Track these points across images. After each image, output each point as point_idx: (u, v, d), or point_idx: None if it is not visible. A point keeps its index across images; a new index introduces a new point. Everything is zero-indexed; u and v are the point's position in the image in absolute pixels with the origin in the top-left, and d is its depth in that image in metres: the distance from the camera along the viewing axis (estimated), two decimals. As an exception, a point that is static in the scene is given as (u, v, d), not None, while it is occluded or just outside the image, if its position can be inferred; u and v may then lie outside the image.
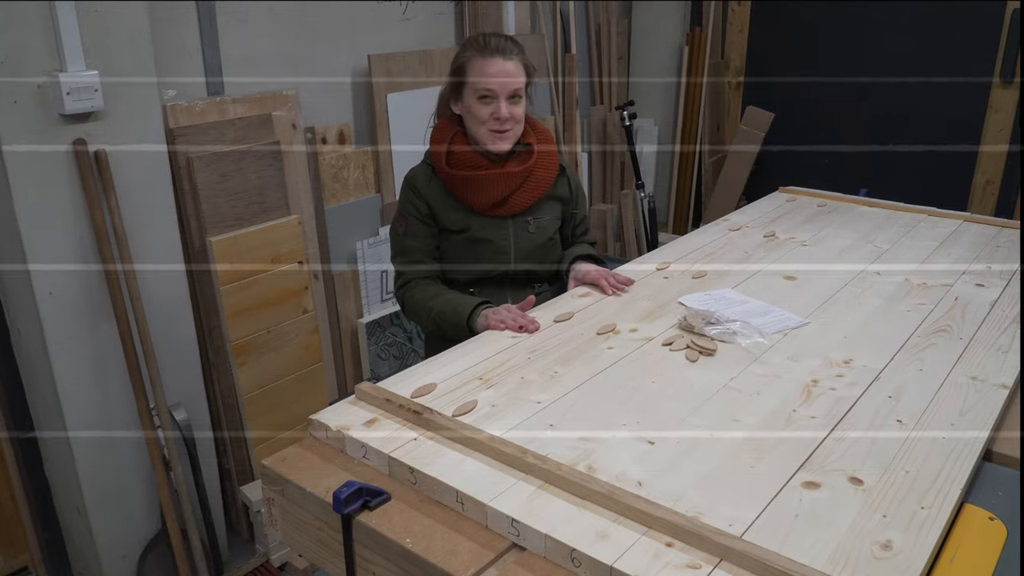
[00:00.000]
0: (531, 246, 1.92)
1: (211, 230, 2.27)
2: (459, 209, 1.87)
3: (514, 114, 1.81)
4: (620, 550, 1.00)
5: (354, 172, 2.79)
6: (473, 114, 1.81)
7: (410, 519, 1.11)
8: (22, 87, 1.81)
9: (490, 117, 1.79)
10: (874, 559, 0.97)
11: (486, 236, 1.88)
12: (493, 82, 1.77)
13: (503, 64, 1.78)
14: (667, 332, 1.64)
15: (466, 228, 1.87)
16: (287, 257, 2.44)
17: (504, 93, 1.78)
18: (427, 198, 1.87)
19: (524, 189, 1.89)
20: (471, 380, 1.44)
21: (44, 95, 1.85)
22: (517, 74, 1.80)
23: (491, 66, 1.77)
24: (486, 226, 1.88)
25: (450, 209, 1.87)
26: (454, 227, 1.88)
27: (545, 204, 1.95)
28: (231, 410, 2.42)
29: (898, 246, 2.16)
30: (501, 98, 1.78)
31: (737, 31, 4.17)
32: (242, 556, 2.44)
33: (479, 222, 1.87)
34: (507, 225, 1.90)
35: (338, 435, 1.28)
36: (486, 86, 1.78)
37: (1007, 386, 1.40)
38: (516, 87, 1.79)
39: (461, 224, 1.87)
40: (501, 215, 1.88)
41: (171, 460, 2.13)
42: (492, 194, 1.85)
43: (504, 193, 1.86)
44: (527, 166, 1.87)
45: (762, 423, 1.29)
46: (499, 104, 1.78)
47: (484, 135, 1.82)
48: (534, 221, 1.93)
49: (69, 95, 1.85)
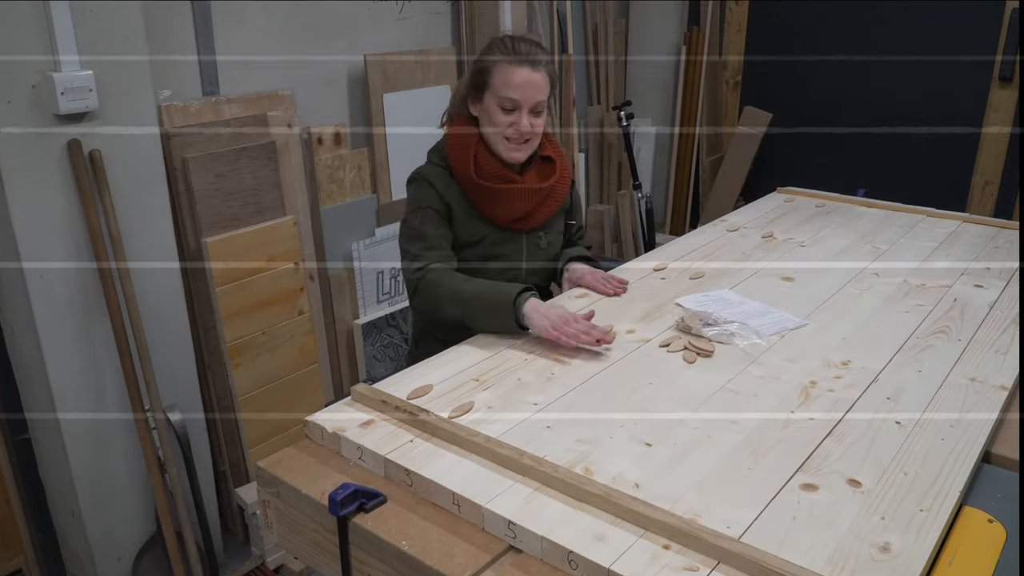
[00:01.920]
0: (540, 261, 1.90)
1: (206, 231, 2.26)
2: (477, 219, 1.81)
3: (535, 127, 1.74)
4: (617, 552, 0.99)
5: (350, 172, 2.78)
6: (492, 120, 1.74)
7: (406, 521, 1.11)
8: (16, 87, 1.80)
9: (509, 127, 1.73)
10: (872, 561, 0.97)
11: (500, 251, 1.83)
12: (518, 93, 1.70)
13: (531, 75, 1.70)
14: (664, 333, 1.63)
15: (481, 240, 1.82)
16: (283, 258, 2.43)
17: (528, 105, 1.71)
18: (447, 201, 1.80)
19: (544, 205, 1.85)
20: (467, 381, 1.43)
21: (38, 95, 1.84)
22: (543, 86, 1.72)
23: (518, 75, 1.69)
24: (502, 240, 1.83)
25: (468, 218, 1.80)
26: (471, 238, 1.81)
27: (555, 220, 1.93)
28: (226, 412, 2.42)
29: (897, 247, 2.16)
30: (524, 110, 1.71)
31: (735, 31, 4.17)
32: (237, 558, 2.44)
33: (495, 235, 1.82)
34: (521, 240, 1.86)
35: (334, 437, 1.27)
36: (510, 96, 1.70)
37: (1006, 387, 1.39)
38: (540, 100, 1.72)
39: (477, 235, 1.81)
40: (518, 229, 1.85)
41: (166, 462, 2.12)
42: (516, 208, 1.80)
43: (527, 208, 1.81)
44: (551, 183, 1.83)
45: (760, 425, 1.28)
46: (521, 116, 1.71)
47: (499, 143, 1.76)
48: (545, 236, 1.90)
49: (64, 95, 1.84)
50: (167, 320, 2.17)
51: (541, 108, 1.74)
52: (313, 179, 2.66)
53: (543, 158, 1.86)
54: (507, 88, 1.70)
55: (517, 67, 1.69)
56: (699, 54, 4.04)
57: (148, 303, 2.10)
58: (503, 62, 1.71)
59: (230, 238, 2.29)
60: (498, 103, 1.72)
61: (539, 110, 1.74)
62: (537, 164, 1.85)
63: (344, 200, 2.78)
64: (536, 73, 1.71)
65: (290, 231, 2.45)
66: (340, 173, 2.75)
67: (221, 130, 2.30)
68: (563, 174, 1.88)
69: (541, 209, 1.85)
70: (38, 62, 1.83)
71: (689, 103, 4.14)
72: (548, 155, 1.86)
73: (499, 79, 1.71)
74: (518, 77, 1.69)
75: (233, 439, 2.44)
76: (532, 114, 1.73)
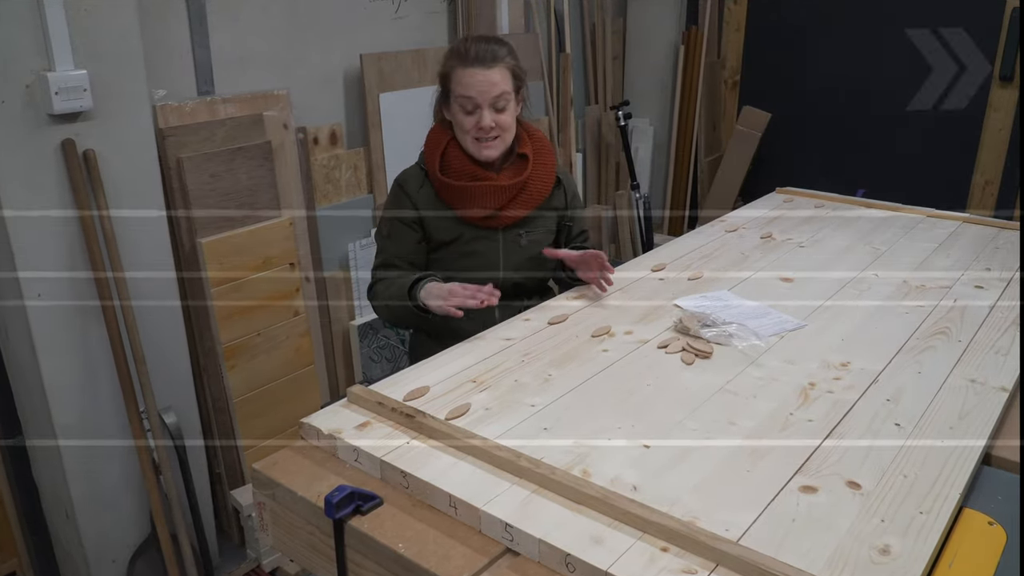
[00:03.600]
0: (521, 259, 1.90)
1: (201, 231, 2.25)
2: (450, 218, 1.85)
3: (500, 122, 1.78)
4: (615, 555, 0.99)
5: (346, 173, 2.77)
6: (458, 123, 1.81)
7: (402, 524, 1.10)
8: (10, 86, 1.79)
9: (474, 127, 1.78)
10: (872, 564, 0.97)
11: (476, 248, 1.86)
12: (474, 92, 1.76)
13: (485, 74, 1.75)
14: (663, 335, 1.63)
15: (457, 238, 1.85)
16: (278, 259, 2.42)
17: (486, 102, 1.76)
18: (416, 203, 1.85)
19: (517, 203, 1.86)
20: (464, 383, 1.43)
21: (32, 95, 1.83)
22: (501, 82, 1.77)
23: (471, 76, 1.75)
24: (477, 237, 1.86)
25: (441, 217, 1.85)
26: (445, 237, 1.85)
27: (539, 218, 1.92)
28: (222, 414, 2.41)
29: (896, 247, 2.16)
30: (484, 108, 1.76)
31: (734, 30, 4.16)
32: (232, 561, 2.43)
33: (470, 233, 1.85)
34: (497, 237, 1.88)
35: (330, 439, 1.27)
36: (467, 95, 1.76)
37: (1007, 389, 1.39)
38: (498, 94, 1.76)
39: (452, 234, 1.85)
40: (492, 227, 1.86)
41: (161, 464, 2.11)
42: (483, 205, 1.82)
43: (496, 205, 1.83)
44: (521, 179, 1.85)
45: (759, 427, 1.28)
46: (482, 113, 1.76)
47: (469, 144, 1.81)
48: (526, 235, 1.90)
49: (58, 95, 1.83)
50: (162, 321, 2.16)
51: (503, 103, 1.79)
52: (309, 179, 2.65)
53: (520, 155, 1.88)
54: (463, 89, 1.77)
55: (470, 68, 1.76)
56: (697, 53, 4.03)
57: (143, 304, 2.08)
58: (457, 67, 1.78)
59: (225, 239, 2.28)
60: (460, 105, 1.79)
61: (500, 105, 1.78)
62: (514, 161, 1.88)
63: (340, 200, 2.77)
64: (491, 71, 1.76)
65: (286, 232, 2.44)
66: (336, 173, 2.74)
67: (216, 130, 2.29)
68: (541, 170, 1.89)
69: (514, 206, 1.86)
70: (32, 61, 1.82)
71: (687, 103, 4.13)
72: (524, 152, 1.88)
73: (456, 83, 1.78)
74: (470, 78, 1.76)
75: (228, 441, 2.43)
76: (494, 110, 1.78)
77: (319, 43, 2.67)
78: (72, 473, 2.03)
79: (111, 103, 1.96)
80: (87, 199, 1.93)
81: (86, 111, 1.91)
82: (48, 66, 1.83)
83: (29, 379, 2.00)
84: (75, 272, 1.96)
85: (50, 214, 1.90)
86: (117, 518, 2.15)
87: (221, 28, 2.37)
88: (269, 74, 2.53)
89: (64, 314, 1.96)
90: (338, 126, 2.74)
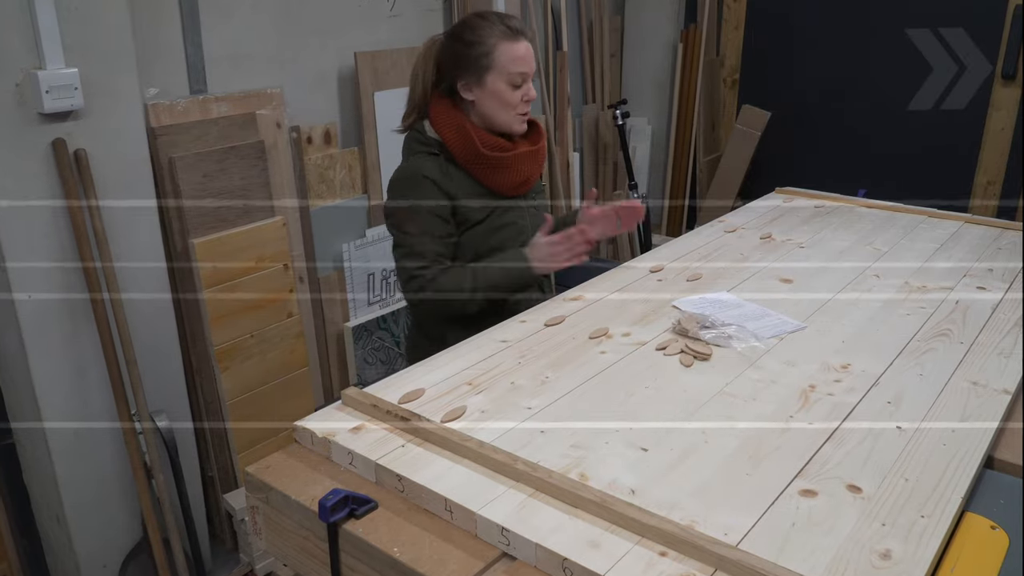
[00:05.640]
0: (538, 224, 1.88)
1: (194, 231, 2.23)
2: (482, 195, 1.83)
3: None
4: (613, 560, 0.98)
5: (340, 172, 2.76)
6: (502, 99, 1.77)
7: (398, 528, 1.09)
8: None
9: (520, 101, 1.78)
10: (873, 569, 0.96)
11: (509, 219, 1.86)
12: (526, 66, 1.76)
13: (528, 47, 1.78)
14: (661, 336, 1.62)
15: (490, 214, 1.84)
16: (271, 259, 2.41)
17: (531, 74, 1.79)
18: (448, 191, 1.78)
19: (539, 164, 1.91)
20: (460, 385, 1.41)
21: (23, 93, 1.82)
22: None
23: (524, 49, 1.75)
24: (508, 209, 1.87)
25: (473, 197, 1.82)
26: (479, 216, 1.82)
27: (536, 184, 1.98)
28: (214, 416, 2.39)
29: (897, 248, 2.15)
30: (529, 80, 1.78)
31: (732, 28, 4.16)
32: (225, 565, 2.42)
33: (502, 206, 1.86)
34: (523, 207, 1.91)
35: (324, 442, 1.26)
36: (520, 71, 1.75)
37: (1009, 391, 1.38)
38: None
39: (485, 211, 1.83)
40: (519, 195, 1.89)
41: (153, 467, 2.10)
42: (522, 172, 1.85)
43: (531, 170, 1.87)
44: (543, 143, 1.89)
45: (758, 429, 1.26)
46: (528, 87, 1.78)
47: (511, 119, 1.80)
48: (537, 197, 1.96)
49: (48, 93, 1.82)
50: (154, 323, 2.15)
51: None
52: (303, 179, 2.63)
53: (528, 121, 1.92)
54: (515, 64, 1.75)
55: (516, 42, 1.75)
56: (696, 52, 4.02)
57: (135, 305, 2.08)
58: (503, 41, 1.74)
59: (218, 239, 2.27)
60: (507, 80, 1.76)
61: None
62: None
63: (334, 200, 2.76)
64: (528, 42, 1.78)
65: (279, 232, 2.42)
66: (330, 173, 2.73)
67: (209, 129, 2.28)
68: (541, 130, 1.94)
69: (537, 169, 1.91)
70: (22, 60, 1.81)
71: (686, 102, 4.12)
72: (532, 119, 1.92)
73: (504, 57, 1.74)
74: (525, 51, 1.76)
75: (221, 444, 2.42)
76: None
77: (313, 41, 2.66)
78: (63, 476, 2.02)
79: (102, 102, 1.95)
80: (78, 199, 1.92)
81: (77, 110, 1.90)
82: (38, 64, 1.82)
83: (19, 381, 1.99)
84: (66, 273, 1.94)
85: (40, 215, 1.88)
86: (108, 522, 2.14)
87: (214, 25, 2.36)
88: (262, 73, 2.51)
89: (55, 315, 1.95)
90: (332, 125, 2.73)
